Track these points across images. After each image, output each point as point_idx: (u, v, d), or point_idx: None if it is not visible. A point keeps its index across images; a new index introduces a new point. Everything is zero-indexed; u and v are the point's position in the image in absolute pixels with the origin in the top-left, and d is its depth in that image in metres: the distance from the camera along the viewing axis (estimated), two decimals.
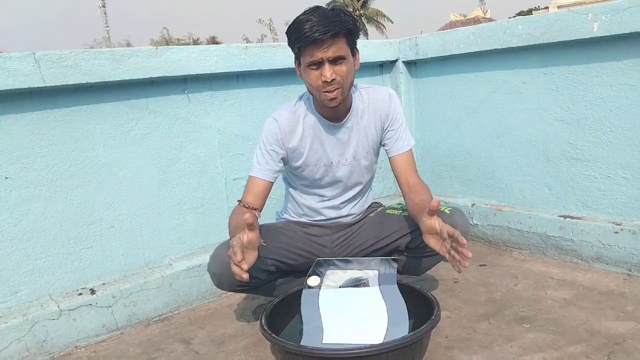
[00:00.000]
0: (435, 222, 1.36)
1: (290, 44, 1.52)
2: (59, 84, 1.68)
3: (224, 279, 1.58)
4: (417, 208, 1.52)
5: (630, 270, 1.89)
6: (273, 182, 1.64)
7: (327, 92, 1.50)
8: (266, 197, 1.63)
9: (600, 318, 1.60)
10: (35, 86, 1.63)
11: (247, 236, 1.35)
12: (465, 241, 1.28)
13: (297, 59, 1.55)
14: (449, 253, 1.34)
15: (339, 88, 1.50)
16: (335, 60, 1.48)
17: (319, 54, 1.46)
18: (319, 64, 1.48)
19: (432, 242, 1.40)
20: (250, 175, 1.63)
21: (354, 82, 1.62)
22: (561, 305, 1.71)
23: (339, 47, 1.47)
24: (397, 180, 1.70)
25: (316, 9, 1.48)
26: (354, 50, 1.56)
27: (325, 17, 1.44)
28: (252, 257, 1.37)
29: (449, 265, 1.33)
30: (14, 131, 1.67)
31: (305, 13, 1.47)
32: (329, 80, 1.47)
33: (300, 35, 1.45)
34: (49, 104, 1.72)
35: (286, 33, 1.51)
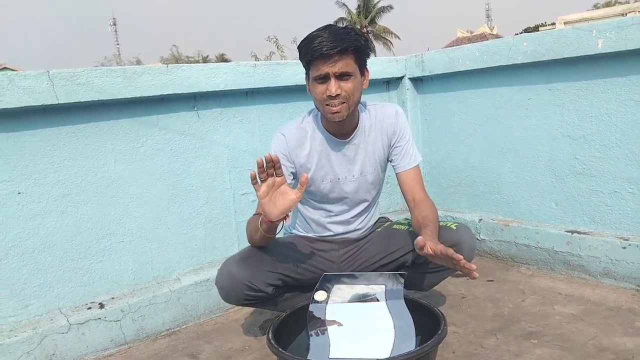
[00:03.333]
0: (428, 250, 1.37)
1: (301, 57, 1.55)
2: (72, 101, 1.71)
3: (231, 293, 1.60)
4: (418, 225, 1.55)
5: (638, 286, 1.88)
6: None
7: (329, 105, 1.52)
8: None
9: (608, 334, 1.59)
10: (49, 103, 1.67)
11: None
12: (460, 257, 1.27)
13: (307, 73, 1.59)
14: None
15: (343, 103, 1.52)
16: (341, 76, 1.51)
17: (326, 69, 1.49)
18: (325, 78, 1.51)
19: (436, 260, 1.41)
20: None
21: (362, 100, 1.64)
22: (569, 321, 1.70)
23: (346, 63, 1.50)
24: (404, 196, 1.71)
25: (329, 26, 1.52)
26: (362, 69, 1.58)
27: (335, 33, 1.48)
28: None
29: (456, 280, 1.34)
30: (27, 147, 1.70)
31: (317, 30, 1.51)
32: (334, 95, 1.50)
33: (309, 49, 1.49)
34: (61, 120, 1.76)
35: (297, 47, 1.55)
